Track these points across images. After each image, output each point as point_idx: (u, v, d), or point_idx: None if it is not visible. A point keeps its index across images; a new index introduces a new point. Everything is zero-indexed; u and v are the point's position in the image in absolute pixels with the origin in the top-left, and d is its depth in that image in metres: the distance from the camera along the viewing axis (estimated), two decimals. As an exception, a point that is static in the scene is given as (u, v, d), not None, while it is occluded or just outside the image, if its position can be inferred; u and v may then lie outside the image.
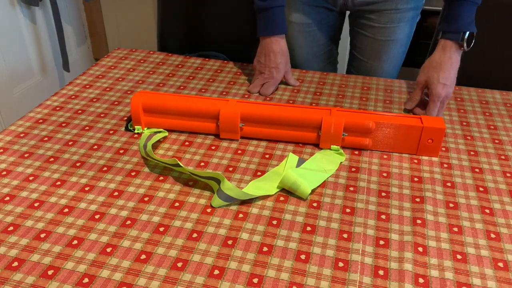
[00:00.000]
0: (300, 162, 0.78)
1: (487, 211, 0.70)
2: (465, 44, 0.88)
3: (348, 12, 1.19)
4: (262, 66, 1.01)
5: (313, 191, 0.73)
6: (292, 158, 0.79)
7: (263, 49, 1.01)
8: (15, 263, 0.59)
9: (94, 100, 0.97)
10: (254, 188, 0.72)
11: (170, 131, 0.87)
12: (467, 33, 0.87)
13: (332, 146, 0.82)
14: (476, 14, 0.88)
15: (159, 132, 0.85)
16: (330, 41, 1.22)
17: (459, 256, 0.62)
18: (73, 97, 0.98)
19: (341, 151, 0.81)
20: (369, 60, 1.17)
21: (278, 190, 0.73)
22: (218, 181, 0.70)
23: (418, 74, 0.95)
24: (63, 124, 0.88)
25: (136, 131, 0.86)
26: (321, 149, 0.83)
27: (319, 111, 0.82)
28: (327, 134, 0.81)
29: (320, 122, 0.80)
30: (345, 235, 0.65)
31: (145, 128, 0.86)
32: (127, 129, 0.87)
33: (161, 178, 0.75)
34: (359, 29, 1.15)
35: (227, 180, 0.70)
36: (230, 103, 0.83)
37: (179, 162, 0.72)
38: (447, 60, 0.88)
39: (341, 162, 0.79)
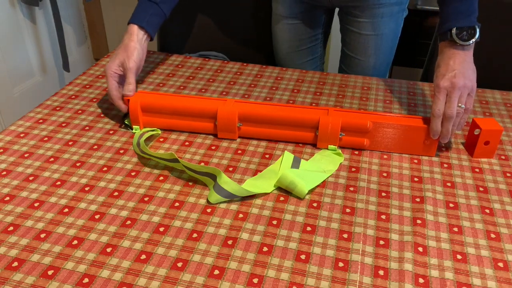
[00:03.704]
0: (296, 160, 0.78)
1: (487, 211, 0.70)
2: (456, 38, 0.81)
3: (337, 10, 1.20)
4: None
5: (311, 191, 0.73)
6: (288, 156, 0.79)
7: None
8: (15, 263, 0.59)
9: (94, 100, 0.97)
10: (250, 186, 0.72)
11: (169, 131, 0.87)
12: (454, 28, 0.81)
13: (329, 146, 0.82)
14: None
15: (152, 130, 0.86)
16: (314, 37, 1.23)
17: (459, 256, 0.62)
18: (73, 97, 0.98)
19: (339, 151, 0.81)
20: (357, 56, 1.18)
21: (274, 188, 0.73)
22: (214, 178, 0.70)
23: (418, 75, 0.94)
24: (63, 124, 0.88)
25: (134, 131, 0.86)
26: (320, 149, 0.83)
27: (316, 111, 0.82)
28: (325, 134, 0.81)
29: (318, 122, 0.80)
30: (345, 235, 0.65)
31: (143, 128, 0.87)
32: (123, 123, 0.88)
33: (161, 178, 0.75)
34: (347, 25, 1.17)
35: (224, 175, 0.70)
36: (228, 103, 0.83)
37: (176, 156, 0.72)
38: (445, 58, 0.83)
39: (340, 163, 0.79)
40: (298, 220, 0.67)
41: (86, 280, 0.57)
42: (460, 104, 0.79)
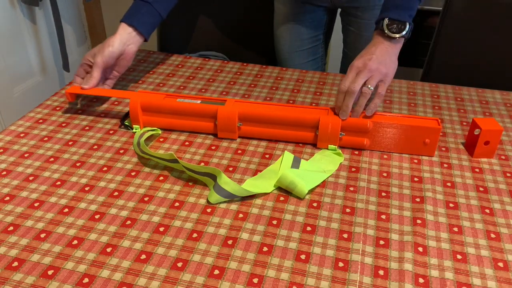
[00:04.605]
0: (296, 160, 0.78)
1: (487, 211, 0.70)
2: (385, 28, 0.83)
3: (339, 10, 1.20)
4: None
5: (311, 191, 0.73)
6: (288, 156, 0.79)
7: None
8: (15, 263, 0.59)
9: (94, 100, 0.97)
10: (250, 186, 0.72)
11: (169, 131, 0.87)
12: (386, 19, 0.83)
13: (329, 145, 0.82)
14: (476, 14, 0.87)
15: (152, 130, 0.85)
16: (315, 37, 1.23)
17: (459, 256, 0.62)
18: (73, 97, 0.98)
19: (339, 151, 0.81)
20: None
21: (274, 188, 0.73)
22: (214, 178, 0.70)
23: (418, 75, 0.94)
24: (63, 124, 0.88)
25: (134, 131, 0.86)
26: (320, 149, 0.83)
27: (316, 111, 0.82)
28: (325, 133, 0.81)
29: (318, 121, 0.80)
30: (345, 235, 0.65)
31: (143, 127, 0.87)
32: (123, 124, 0.87)
33: (161, 178, 0.75)
34: (349, 26, 1.17)
35: (224, 175, 0.70)
36: (228, 103, 0.83)
37: (175, 157, 0.72)
38: (370, 45, 0.85)
39: (340, 163, 0.79)
40: (298, 220, 0.67)
41: (86, 280, 0.57)
42: (369, 86, 0.79)
